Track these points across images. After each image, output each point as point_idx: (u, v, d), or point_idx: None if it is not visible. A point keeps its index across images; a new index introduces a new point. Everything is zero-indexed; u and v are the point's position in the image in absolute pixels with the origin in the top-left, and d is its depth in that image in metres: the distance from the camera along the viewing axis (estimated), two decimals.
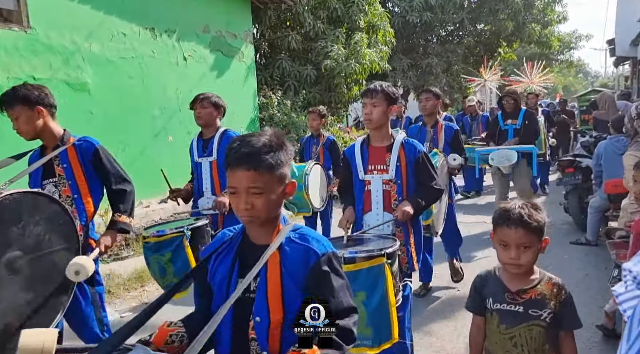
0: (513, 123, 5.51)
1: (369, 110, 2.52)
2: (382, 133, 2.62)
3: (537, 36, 16.74)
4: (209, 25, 7.24)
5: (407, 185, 2.61)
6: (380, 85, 2.53)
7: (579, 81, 52.09)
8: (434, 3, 13.83)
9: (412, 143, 2.62)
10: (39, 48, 4.79)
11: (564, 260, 4.81)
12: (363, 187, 2.65)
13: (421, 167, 2.60)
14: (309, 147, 5.19)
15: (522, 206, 1.64)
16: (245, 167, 1.26)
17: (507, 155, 5.24)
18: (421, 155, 2.61)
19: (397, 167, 2.57)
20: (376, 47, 10.32)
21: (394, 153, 2.58)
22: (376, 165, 2.62)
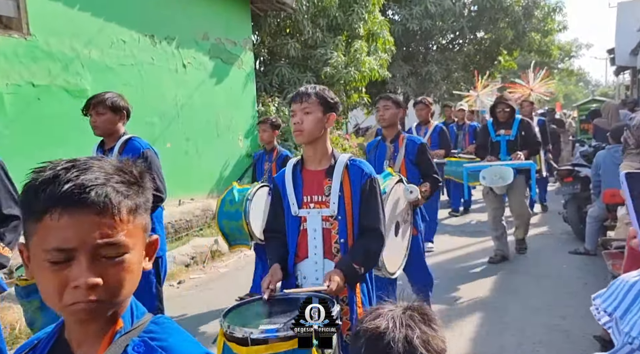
0: (507, 134, 4.79)
1: (298, 118, 1.96)
2: (319, 152, 2.02)
3: (537, 45, 16.79)
4: (209, 33, 7.27)
5: (352, 222, 2.00)
6: (314, 88, 2.02)
7: (580, 90, 52.20)
8: (434, 11, 13.89)
9: (358, 165, 2.02)
10: (39, 54, 4.80)
11: (562, 270, 4.79)
12: (297, 226, 2.02)
13: (367, 198, 2.00)
14: (261, 165, 4.43)
15: (407, 323, 0.98)
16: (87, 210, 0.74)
17: (501, 173, 4.47)
18: (368, 182, 1.99)
19: (339, 197, 1.97)
20: (376, 54, 10.36)
21: (336, 179, 1.98)
22: (313, 196, 2.01)
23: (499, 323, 3.62)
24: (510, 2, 15.14)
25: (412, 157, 3.39)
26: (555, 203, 7.16)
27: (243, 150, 8.13)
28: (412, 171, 3.39)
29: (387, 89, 13.99)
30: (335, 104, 2.03)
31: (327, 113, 2.01)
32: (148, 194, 0.84)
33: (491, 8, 14.93)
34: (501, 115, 4.80)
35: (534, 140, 4.90)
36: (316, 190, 2.02)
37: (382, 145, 3.54)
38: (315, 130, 1.98)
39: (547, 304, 3.89)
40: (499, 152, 4.83)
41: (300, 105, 1.98)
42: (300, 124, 1.96)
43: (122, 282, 0.77)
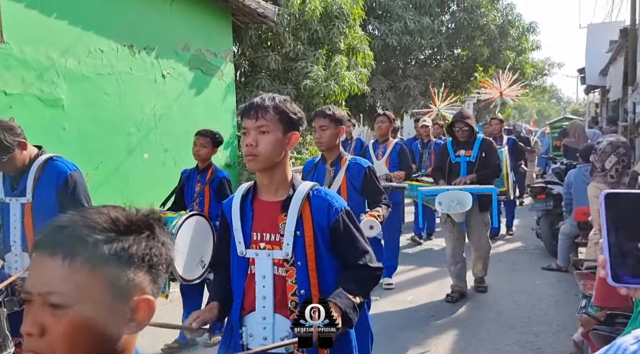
0: (467, 155, 4.33)
1: (251, 139, 1.55)
2: (276, 180, 1.63)
3: (511, 63, 17.26)
4: (189, 43, 7.23)
5: (318, 270, 1.61)
6: (272, 99, 1.59)
7: (552, 106, 53.83)
8: (413, 28, 14.16)
9: (323, 197, 1.64)
10: (12, 63, 4.69)
11: (535, 285, 4.88)
12: (244, 269, 1.64)
13: (343, 237, 1.63)
14: (191, 185, 3.74)
15: None
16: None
17: (459, 198, 3.99)
18: (340, 219, 1.63)
19: (296, 237, 1.58)
20: (356, 69, 10.47)
21: (291, 215, 1.58)
22: (264, 234, 1.62)
23: (473, 339, 3.66)
24: (486, 21, 15.58)
25: (356, 183, 2.86)
26: (529, 218, 7.32)
27: (222, 161, 8.06)
28: (356, 198, 2.87)
29: (366, 103, 14.15)
30: (299, 120, 1.62)
31: (289, 133, 1.59)
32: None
33: (468, 26, 15.31)
34: (460, 134, 4.30)
35: (495, 163, 4.34)
36: (269, 227, 1.62)
37: (321, 167, 2.96)
38: (274, 154, 1.56)
39: (520, 321, 3.96)
40: (458, 174, 4.31)
41: (255, 122, 1.55)
42: (255, 147, 1.54)
43: None
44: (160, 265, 0.78)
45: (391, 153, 4.93)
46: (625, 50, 11.20)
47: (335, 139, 2.86)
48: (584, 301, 2.69)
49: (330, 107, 2.86)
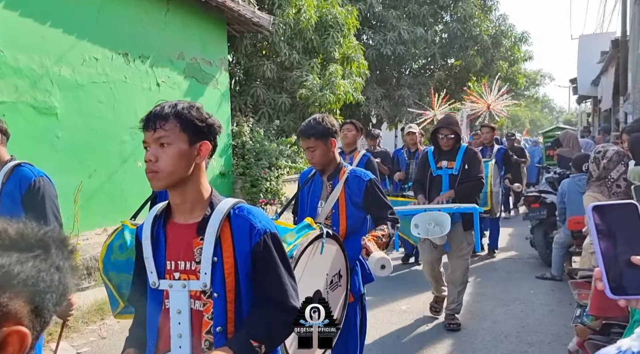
0: (449, 167, 3.83)
1: (151, 154, 1.34)
2: (190, 198, 1.39)
3: (504, 73, 17.44)
4: (184, 52, 7.24)
5: (236, 302, 1.37)
6: (174, 106, 1.35)
7: (545, 116, 54.33)
8: (407, 38, 14.28)
9: (245, 217, 1.39)
10: (6, 71, 4.67)
11: (529, 295, 4.88)
12: (158, 304, 1.42)
13: (263, 264, 1.38)
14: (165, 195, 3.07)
15: None
16: None
17: (437, 219, 3.51)
18: (262, 242, 1.37)
19: (214, 265, 1.35)
20: (350, 78, 10.53)
21: (209, 239, 1.35)
22: (179, 262, 1.39)
23: (468, 349, 3.65)
24: (479, 31, 15.76)
25: (356, 198, 2.46)
26: (523, 227, 7.34)
27: (217, 170, 8.05)
28: (357, 216, 2.48)
29: (361, 111, 14.21)
30: (209, 128, 1.38)
31: (197, 143, 1.36)
32: None
33: (461, 36, 15.48)
34: (444, 142, 3.82)
35: (477, 175, 3.84)
36: (183, 253, 1.38)
37: (317, 180, 2.59)
38: (178, 169, 1.33)
39: (515, 331, 3.95)
40: (440, 189, 3.82)
41: (153, 134, 1.33)
42: (154, 162, 1.32)
43: None
44: (49, 294, 0.63)
45: (357, 165, 4.30)
46: (616, 60, 11.35)
47: (328, 155, 2.47)
48: (579, 310, 2.69)
49: (317, 118, 2.45)
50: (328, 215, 2.47)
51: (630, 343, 0.69)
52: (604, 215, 0.73)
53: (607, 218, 0.73)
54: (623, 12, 10.88)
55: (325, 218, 2.46)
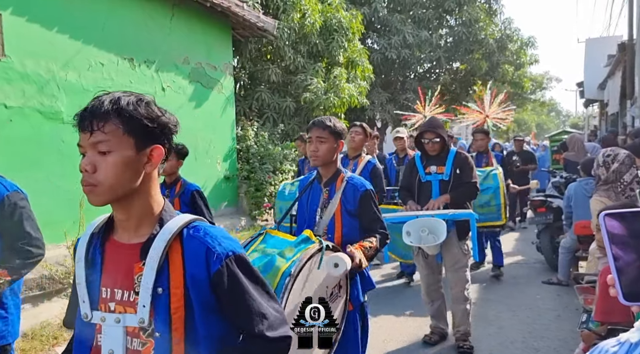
0: (439, 172, 3.60)
1: (87, 162, 1.08)
2: (136, 213, 1.14)
3: (510, 76, 17.39)
4: (189, 57, 7.29)
5: (186, 341, 1.11)
6: (116, 101, 1.09)
7: (551, 120, 54.08)
8: (411, 41, 14.29)
9: (203, 239, 1.13)
10: (13, 76, 4.71)
11: (536, 300, 4.84)
12: (89, 340, 1.18)
13: (230, 296, 1.13)
14: None
15: None
16: None
17: (431, 226, 3.28)
18: (225, 268, 1.11)
19: (157, 296, 1.10)
20: (355, 82, 10.54)
21: (151, 262, 1.10)
22: (116, 290, 1.14)
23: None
24: (485, 35, 15.73)
25: (350, 206, 2.39)
26: (529, 232, 7.29)
27: (221, 174, 8.07)
28: (351, 225, 2.40)
29: (366, 115, 14.21)
30: (162, 128, 1.11)
31: (146, 147, 1.10)
32: None
33: (466, 40, 15.46)
34: (429, 147, 3.58)
35: (470, 181, 3.61)
36: (122, 280, 1.13)
37: (316, 187, 2.51)
38: (123, 181, 1.08)
39: (521, 336, 3.91)
40: (429, 195, 3.58)
41: (90, 137, 1.07)
42: (91, 174, 1.07)
43: None
44: None
45: (362, 173, 4.15)
46: (623, 64, 11.29)
47: (333, 154, 2.41)
48: (585, 315, 2.66)
49: (331, 118, 2.46)
50: None
51: (629, 335, 0.69)
52: (617, 221, 0.73)
53: (619, 224, 0.73)
54: (630, 16, 10.83)
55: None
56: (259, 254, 1.93)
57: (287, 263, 1.80)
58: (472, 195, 3.66)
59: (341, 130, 2.42)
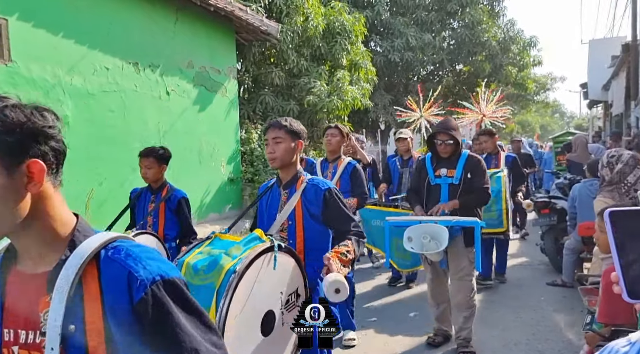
0: (449, 176, 3.45)
1: None
2: (35, 241, 0.93)
3: (513, 78, 17.35)
4: (193, 61, 7.33)
5: None
6: None
7: (556, 121, 53.91)
8: (414, 44, 14.30)
9: (124, 262, 0.92)
10: (19, 81, 4.76)
11: (540, 302, 4.83)
12: None
13: (156, 326, 0.91)
14: (143, 204, 3.46)
15: None
16: None
17: (433, 233, 3.19)
18: (150, 294, 0.90)
19: (68, 335, 0.88)
20: (358, 84, 10.56)
21: (58, 296, 0.87)
22: (20, 332, 0.93)
23: None
24: (488, 37, 15.72)
25: (314, 209, 2.27)
26: (533, 233, 7.27)
27: (225, 177, 8.10)
28: (316, 230, 2.28)
29: (369, 118, 14.23)
30: (34, 135, 0.89)
31: (20, 165, 0.88)
32: None
33: (469, 42, 15.46)
34: (442, 148, 3.45)
35: (482, 186, 3.46)
36: (24, 319, 0.93)
37: (275, 191, 2.40)
38: (2, 215, 0.87)
39: (526, 338, 3.91)
40: (438, 199, 3.46)
41: None
42: None
43: None
44: None
45: (342, 175, 4.05)
46: (627, 65, 11.26)
47: (291, 155, 2.32)
48: (589, 317, 2.66)
49: (288, 118, 2.36)
50: (283, 227, 2.27)
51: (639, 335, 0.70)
52: (622, 220, 0.75)
53: (624, 223, 0.74)
54: (633, 16, 10.80)
55: (280, 231, 2.25)
56: (204, 255, 1.81)
57: (232, 261, 1.70)
58: (482, 201, 3.51)
59: (298, 129, 2.33)
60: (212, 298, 1.59)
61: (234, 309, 1.57)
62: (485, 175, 3.52)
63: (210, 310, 1.55)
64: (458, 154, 3.49)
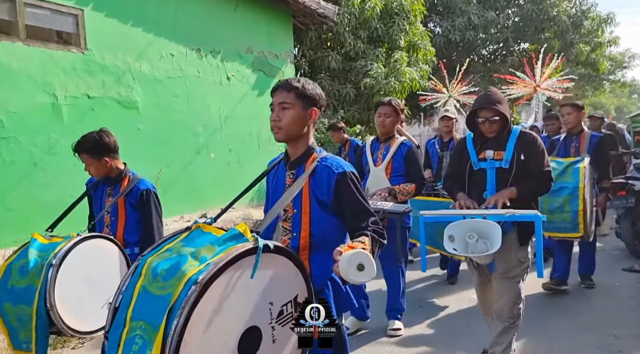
0: (497, 159, 2.76)
1: None
2: None
3: (585, 57, 16.23)
4: (252, 46, 7.47)
5: None
6: None
7: (633, 102, 49.78)
8: (477, 22, 13.73)
9: None
10: (94, 68, 5.08)
11: (614, 287, 4.55)
12: None
13: None
14: (100, 198, 2.81)
15: None
16: None
17: (482, 230, 2.50)
18: None
19: None
20: (416, 65, 10.32)
21: None
22: None
23: (546, 340, 3.47)
24: (557, 12, 14.77)
25: (323, 195, 1.82)
26: (608, 217, 6.82)
27: None
28: (323, 221, 1.84)
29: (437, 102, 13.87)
30: None
31: None
32: None
33: (536, 18, 14.60)
34: (486, 127, 2.76)
35: (542, 169, 2.77)
36: None
37: (281, 169, 1.98)
38: None
39: (598, 323, 3.70)
40: (484, 187, 2.78)
41: None
42: None
43: None
44: None
45: (394, 157, 3.52)
46: None
47: (301, 126, 1.83)
48: None
49: (301, 79, 1.87)
50: (287, 216, 1.83)
51: None
52: None
53: None
54: None
55: (284, 220, 1.84)
56: (172, 254, 1.41)
57: (199, 266, 1.30)
58: (543, 188, 2.81)
59: (313, 94, 1.84)
60: (163, 315, 1.23)
61: (192, 331, 1.22)
62: (545, 155, 2.81)
63: (157, 333, 1.21)
64: (508, 132, 2.78)
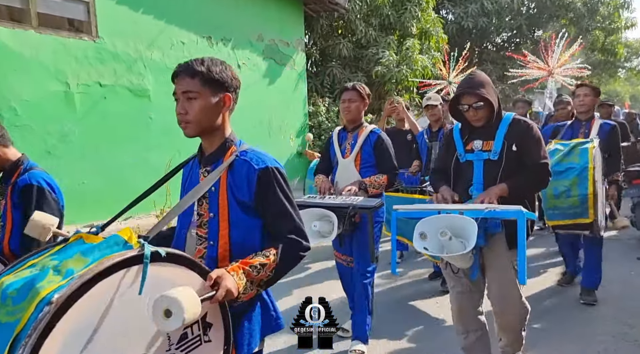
0: (485, 150, 2.43)
1: None
2: None
3: (601, 44, 15.92)
4: (263, 34, 7.43)
5: None
6: None
7: None
8: (490, 8, 13.50)
9: None
10: (106, 56, 5.09)
11: (629, 276, 4.49)
12: None
13: None
14: None
15: None
16: None
17: (456, 227, 2.16)
18: None
19: None
20: (429, 53, 10.20)
21: None
22: None
23: (560, 330, 3.44)
24: None
25: (243, 195, 1.53)
26: (623, 206, 6.72)
27: (294, 149, 8.23)
28: (244, 224, 1.54)
29: (440, 89, 13.72)
30: None
31: None
32: None
33: (551, 5, 14.33)
34: (471, 115, 2.42)
35: (538, 161, 2.40)
36: None
37: (195, 170, 1.72)
38: None
39: (613, 312, 3.66)
40: (469, 182, 2.46)
41: None
42: None
43: None
44: None
45: (363, 147, 3.16)
46: None
47: (213, 116, 1.55)
48: None
49: (214, 59, 1.58)
50: (203, 221, 1.55)
51: None
52: None
53: None
54: None
55: (198, 226, 1.55)
56: (32, 271, 1.14)
57: (60, 282, 1.04)
58: (540, 184, 2.46)
59: (221, 77, 1.54)
60: (5, 348, 0.99)
61: None
62: (541, 146, 2.43)
63: None
64: (498, 120, 2.44)
